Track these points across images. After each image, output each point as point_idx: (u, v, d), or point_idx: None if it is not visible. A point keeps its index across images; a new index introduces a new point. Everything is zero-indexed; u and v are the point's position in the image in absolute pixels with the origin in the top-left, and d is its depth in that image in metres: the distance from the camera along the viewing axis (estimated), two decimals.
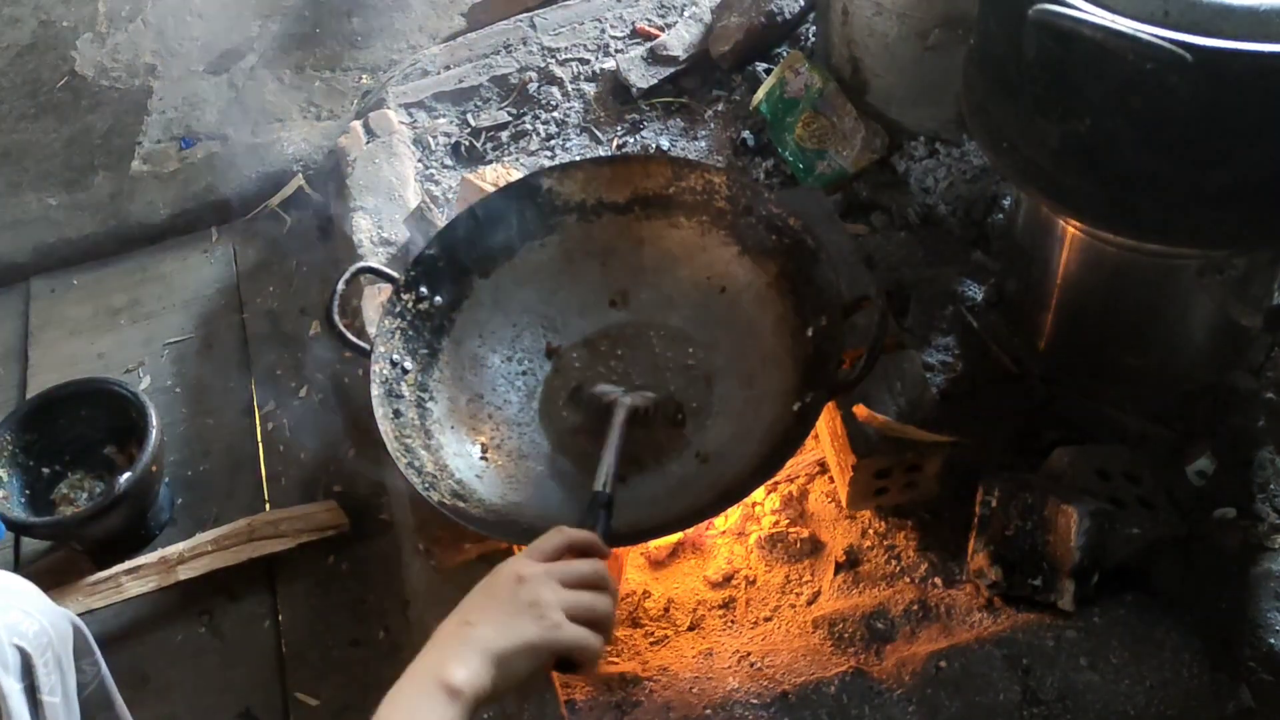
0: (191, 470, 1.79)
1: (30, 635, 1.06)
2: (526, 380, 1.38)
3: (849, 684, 1.20)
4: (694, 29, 2.10)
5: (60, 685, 1.07)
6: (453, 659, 0.89)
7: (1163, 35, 0.99)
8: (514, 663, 0.91)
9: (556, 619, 0.93)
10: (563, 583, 0.96)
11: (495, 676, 0.90)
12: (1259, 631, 1.25)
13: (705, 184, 1.40)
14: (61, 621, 1.13)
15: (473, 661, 0.89)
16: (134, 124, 2.24)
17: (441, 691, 0.87)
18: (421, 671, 0.89)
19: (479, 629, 0.91)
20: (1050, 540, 1.23)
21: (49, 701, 1.05)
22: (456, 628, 0.92)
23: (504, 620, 0.92)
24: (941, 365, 1.56)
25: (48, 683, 1.06)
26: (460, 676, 0.88)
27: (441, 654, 0.90)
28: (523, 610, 0.93)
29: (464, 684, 0.87)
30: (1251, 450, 1.42)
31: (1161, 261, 1.30)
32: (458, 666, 0.88)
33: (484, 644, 0.90)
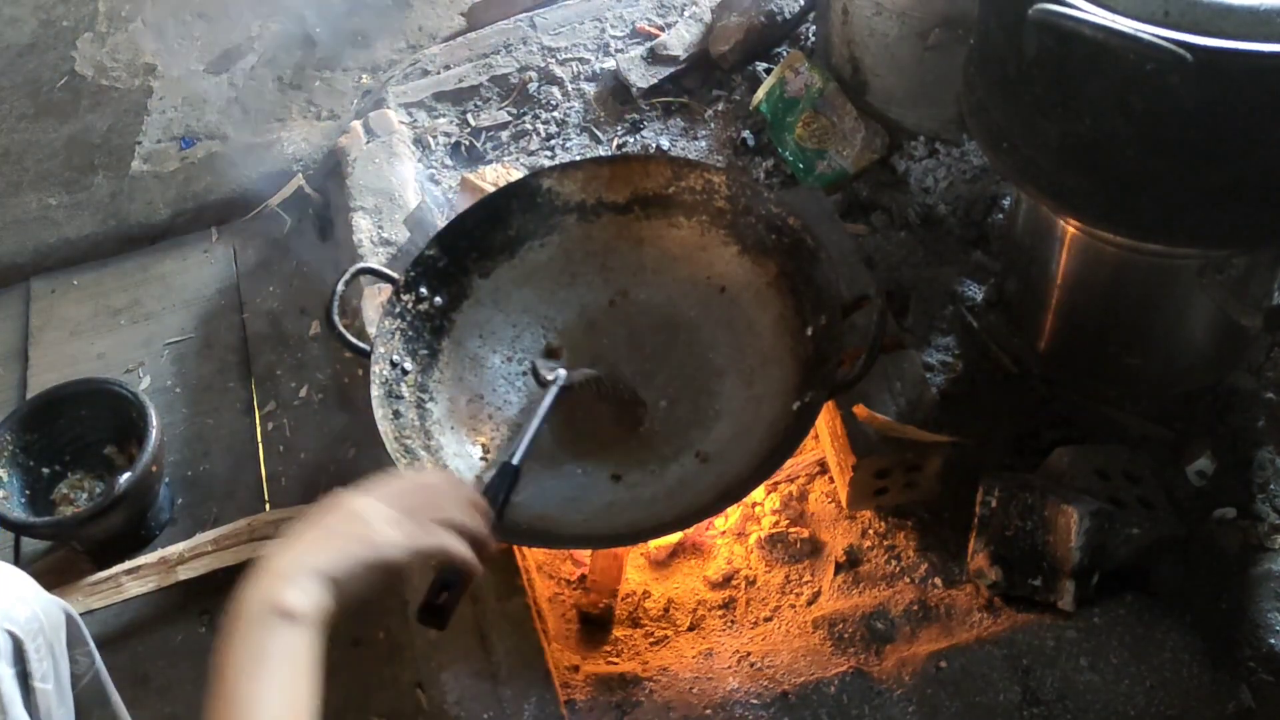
0: (191, 470, 1.79)
1: (21, 620, 1.05)
2: (527, 380, 1.38)
3: (849, 684, 1.20)
4: (694, 29, 2.10)
5: (53, 672, 1.05)
6: (280, 583, 0.86)
7: (1163, 35, 0.99)
8: (349, 578, 0.89)
9: (382, 528, 0.91)
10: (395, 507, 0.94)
11: (334, 593, 0.88)
12: (1259, 631, 1.25)
13: (705, 184, 1.40)
14: (53, 609, 1.12)
15: (303, 581, 0.87)
16: (134, 124, 2.24)
17: (278, 618, 0.84)
18: (253, 605, 0.85)
19: (299, 551, 0.89)
20: (1050, 540, 1.22)
21: (41, 688, 1.03)
22: (277, 554, 0.89)
23: (326, 538, 0.90)
24: (941, 365, 1.56)
25: (40, 669, 1.04)
26: (293, 598, 0.85)
27: (268, 582, 0.86)
28: (346, 524, 0.91)
29: (299, 605, 0.85)
30: (1251, 450, 1.42)
31: (1161, 261, 1.30)
32: (288, 589, 0.86)
33: (310, 563, 0.88)
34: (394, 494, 0.95)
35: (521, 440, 1.17)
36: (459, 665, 1.25)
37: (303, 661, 0.85)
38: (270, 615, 0.84)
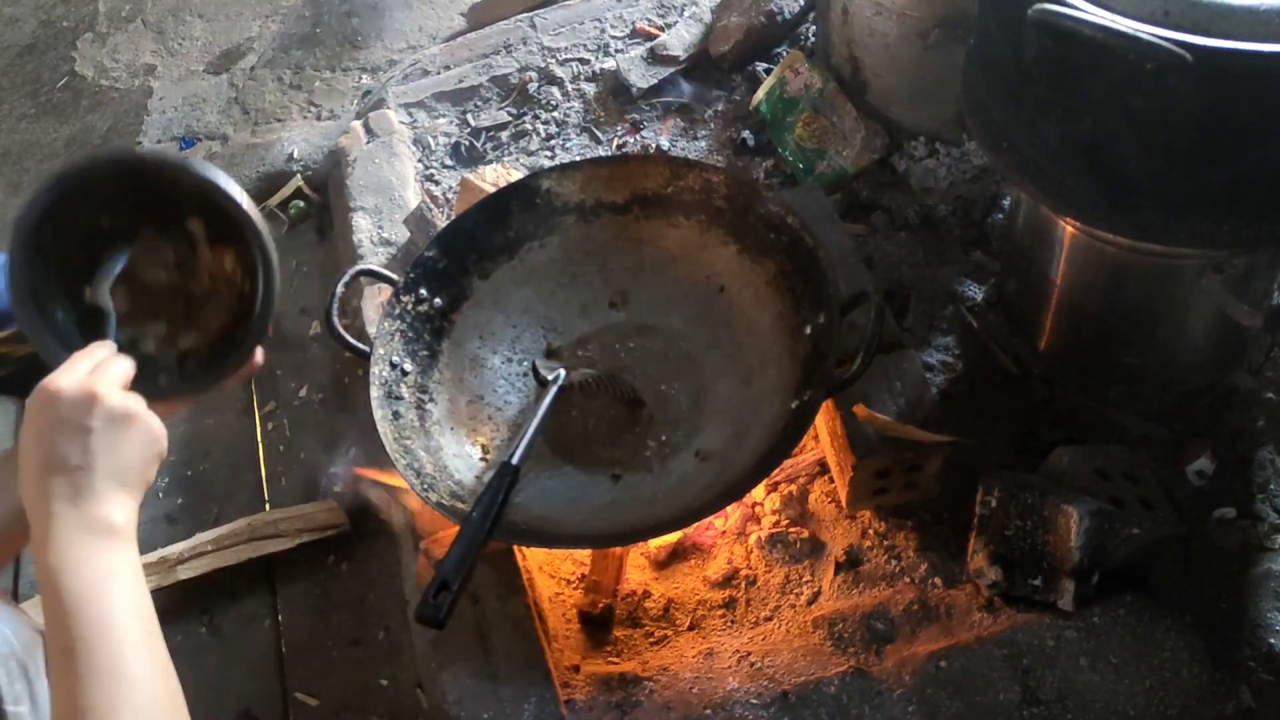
0: (191, 470, 1.79)
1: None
2: (527, 380, 1.38)
3: (849, 684, 1.21)
4: (694, 29, 2.10)
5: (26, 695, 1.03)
6: (94, 503, 0.86)
7: (1163, 35, 0.99)
8: (143, 480, 0.90)
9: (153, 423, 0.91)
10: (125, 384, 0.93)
11: (139, 495, 0.89)
12: (1259, 631, 1.25)
13: (703, 183, 1.40)
14: (24, 630, 1.08)
15: (114, 498, 0.87)
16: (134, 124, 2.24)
17: (103, 535, 0.85)
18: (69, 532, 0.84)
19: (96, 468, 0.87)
20: (1050, 540, 1.22)
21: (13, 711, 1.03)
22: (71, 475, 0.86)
23: (117, 447, 0.88)
24: (941, 365, 1.56)
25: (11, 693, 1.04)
26: (114, 514, 0.86)
27: (76, 506, 0.85)
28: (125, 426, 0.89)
29: (120, 519, 0.86)
30: (1251, 450, 1.42)
31: (1161, 261, 1.30)
32: (104, 505, 0.86)
33: (112, 480, 0.87)
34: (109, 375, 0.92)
35: (521, 440, 1.17)
36: (459, 665, 1.25)
37: (139, 572, 0.87)
38: (98, 535, 0.85)
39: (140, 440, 0.90)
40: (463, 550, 1.04)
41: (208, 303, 1.08)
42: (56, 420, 0.88)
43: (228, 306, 1.07)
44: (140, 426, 0.91)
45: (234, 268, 1.06)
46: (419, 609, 0.99)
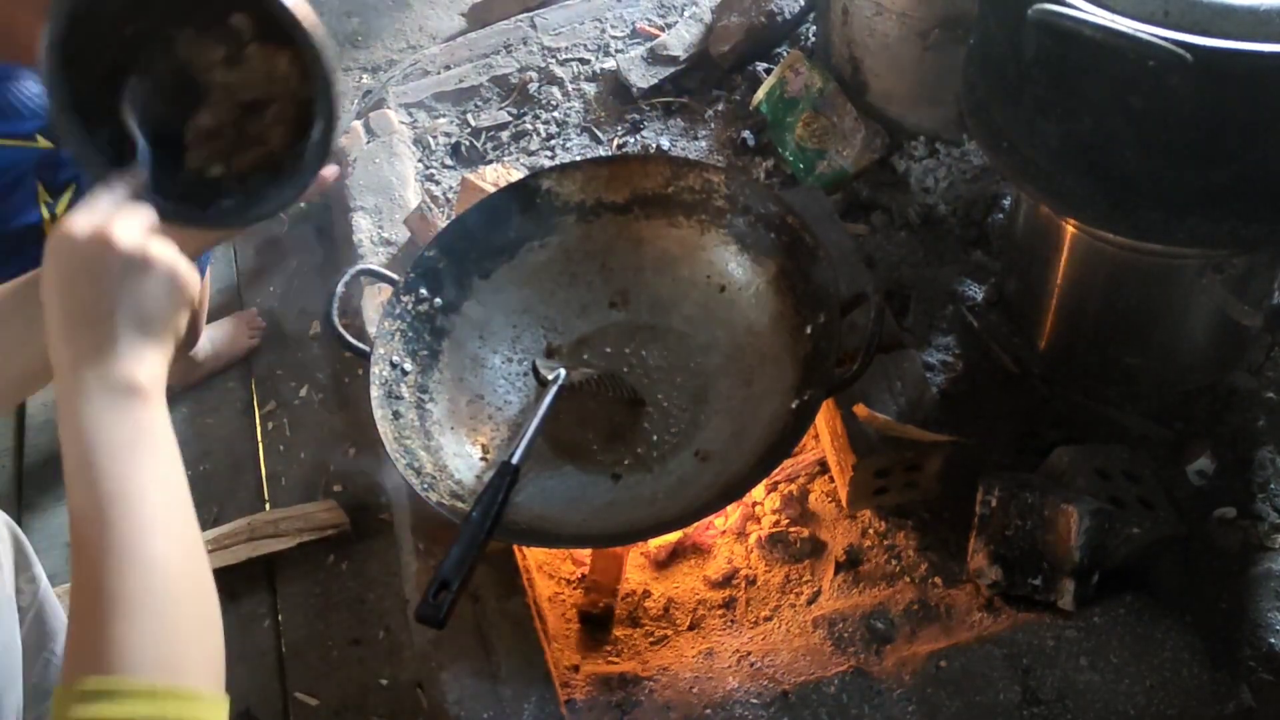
0: (191, 470, 1.79)
1: None
2: (527, 380, 1.38)
3: (849, 684, 1.21)
4: (694, 29, 2.10)
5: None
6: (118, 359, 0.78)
7: (1163, 35, 0.99)
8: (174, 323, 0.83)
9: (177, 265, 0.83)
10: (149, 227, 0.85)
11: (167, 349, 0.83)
12: (1259, 631, 1.25)
13: (703, 183, 1.40)
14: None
15: (139, 352, 0.79)
16: None
17: (127, 396, 0.78)
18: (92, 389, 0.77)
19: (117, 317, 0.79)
20: (1050, 540, 1.22)
21: None
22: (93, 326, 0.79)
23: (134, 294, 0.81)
24: (941, 365, 1.56)
25: None
26: (139, 373, 0.79)
27: (99, 361, 0.78)
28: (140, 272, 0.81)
29: (147, 378, 0.79)
30: (1251, 450, 1.42)
31: (1161, 261, 1.30)
32: (128, 363, 0.78)
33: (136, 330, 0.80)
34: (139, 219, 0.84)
35: (521, 440, 1.17)
36: (459, 665, 1.25)
37: (165, 437, 0.80)
38: (121, 396, 0.77)
39: (163, 286, 0.82)
40: (463, 550, 1.04)
41: (264, 112, 0.98)
42: (74, 266, 0.80)
43: (289, 117, 0.97)
44: (162, 270, 0.82)
45: (288, 71, 0.95)
46: (419, 609, 0.99)
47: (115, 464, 0.76)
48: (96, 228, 0.80)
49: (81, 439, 0.76)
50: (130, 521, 0.74)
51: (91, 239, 0.80)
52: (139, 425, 0.78)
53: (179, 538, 0.77)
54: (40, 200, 1.58)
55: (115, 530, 0.74)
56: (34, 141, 1.55)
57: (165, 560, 0.75)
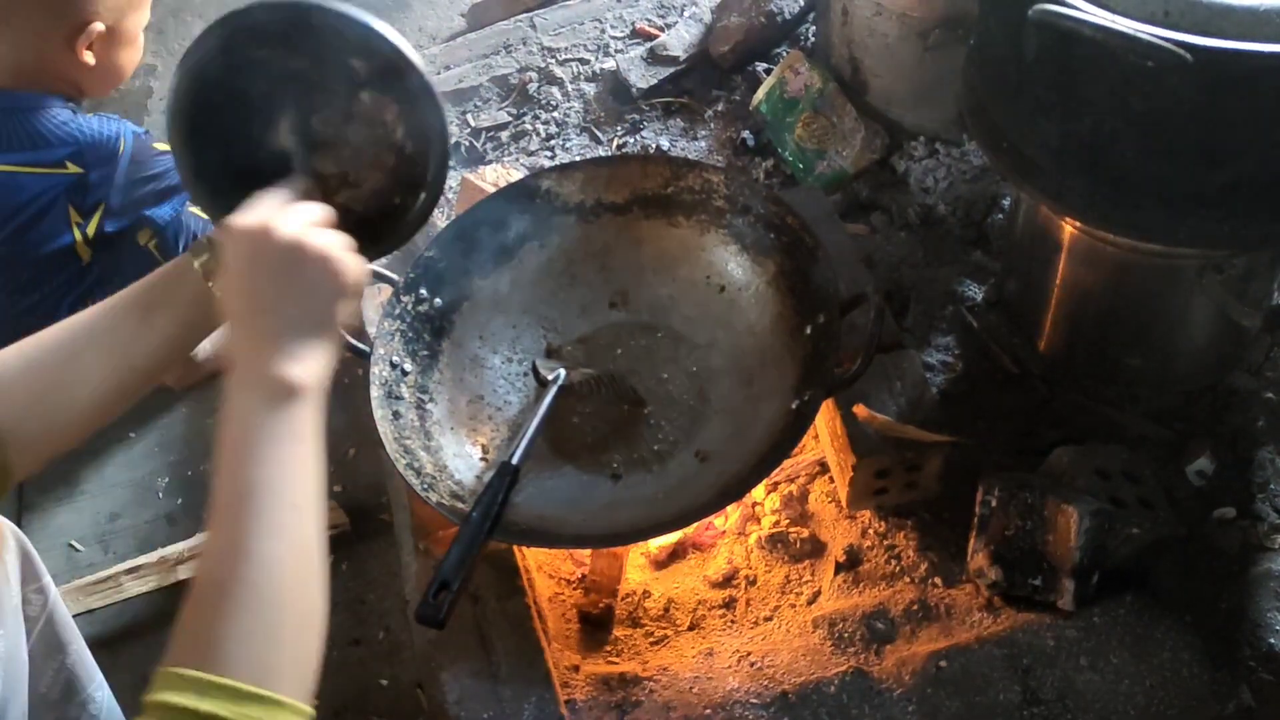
0: (191, 470, 1.79)
1: None
2: (527, 380, 1.38)
3: (849, 684, 1.21)
4: (694, 29, 2.10)
5: None
6: (280, 356, 0.81)
7: (1163, 35, 0.99)
8: (333, 312, 0.87)
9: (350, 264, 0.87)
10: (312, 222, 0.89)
11: (329, 350, 0.85)
12: (1259, 631, 1.25)
13: (703, 183, 1.40)
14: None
15: (302, 350, 0.83)
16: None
17: (282, 395, 0.81)
18: (256, 384, 0.81)
19: (285, 311, 0.83)
20: (1050, 540, 1.23)
21: None
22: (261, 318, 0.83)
23: (311, 291, 0.85)
24: (941, 365, 1.56)
25: None
26: (298, 372, 0.81)
27: (262, 354, 0.81)
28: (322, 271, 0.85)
29: (305, 377, 0.82)
30: (1251, 450, 1.42)
31: (1161, 261, 1.30)
32: (289, 363, 0.82)
33: (302, 325, 0.84)
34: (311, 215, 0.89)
35: (521, 440, 1.17)
36: (459, 665, 1.25)
37: (309, 439, 0.82)
38: (275, 391, 0.81)
39: (319, 272, 0.86)
40: (463, 550, 1.04)
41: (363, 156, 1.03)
42: (262, 262, 0.85)
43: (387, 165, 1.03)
44: (316, 255, 0.86)
45: (395, 120, 1.01)
46: (419, 609, 0.99)
47: (258, 458, 0.79)
48: (260, 219, 0.85)
49: (233, 427, 0.80)
50: (260, 520, 0.77)
51: (253, 228, 0.84)
52: (288, 424, 0.81)
53: (301, 543, 0.79)
54: (72, 223, 1.62)
55: (245, 525, 0.76)
56: (64, 168, 1.58)
57: (282, 564, 0.76)
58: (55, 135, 1.58)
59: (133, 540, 1.70)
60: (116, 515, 1.73)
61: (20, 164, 1.57)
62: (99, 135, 1.60)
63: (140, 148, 1.64)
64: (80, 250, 1.65)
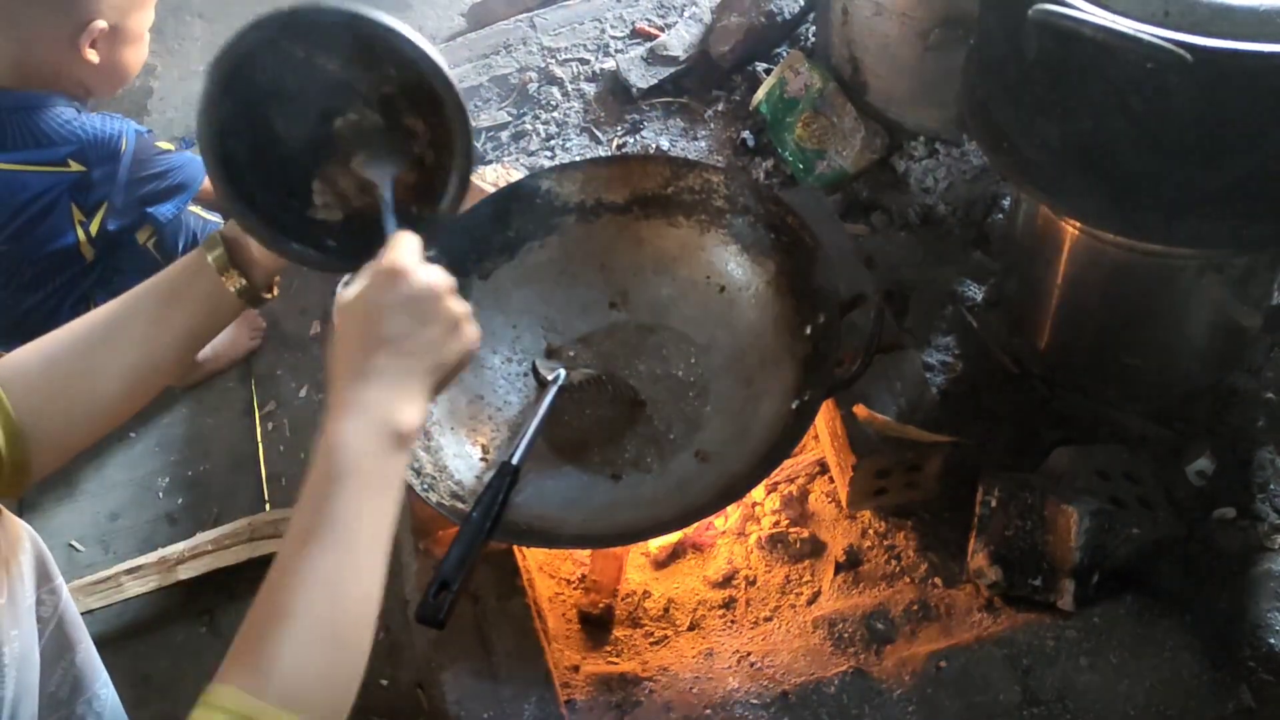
0: (191, 470, 1.79)
1: None
2: (527, 380, 1.38)
3: (849, 684, 1.21)
4: (694, 29, 2.10)
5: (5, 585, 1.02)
6: (401, 399, 0.84)
7: (1163, 35, 0.99)
8: (445, 383, 0.90)
9: (476, 332, 0.92)
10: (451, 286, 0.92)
11: (433, 399, 0.89)
12: (1259, 631, 1.25)
13: (703, 183, 1.40)
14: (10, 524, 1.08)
15: (419, 399, 0.86)
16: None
17: (394, 440, 0.83)
18: (371, 421, 0.83)
19: (420, 357, 0.86)
20: (1050, 540, 1.23)
21: None
22: (393, 360, 0.85)
23: (443, 344, 0.88)
24: (941, 365, 1.56)
25: None
26: (411, 420, 0.84)
27: (385, 395, 0.84)
28: (455, 328, 0.89)
29: (415, 428, 0.85)
30: (1251, 450, 1.42)
31: (1161, 261, 1.30)
32: (407, 409, 0.84)
33: (430, 376, 0.87)
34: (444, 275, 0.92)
35: (521, 440, 1.17)
36: (459, 665, 1.25)
37: (402, 482, 0.85)
38: (388, 434, 0.83)
39: (464, 345, 0.90)
40: (463, 550, 1.04)
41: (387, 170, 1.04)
42: (398, 297, 0.87)
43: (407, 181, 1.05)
44: (469, 331, 0.91)
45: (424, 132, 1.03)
46: (419, 609, 0.99)
47: (353, 494, 0.80)
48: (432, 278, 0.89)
49: (336, 457, 0.81)
50: (338, 554, 0.78)
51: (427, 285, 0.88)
52: (385, 469, 0.83)
53: (373, 588, 0.81)
54: (75, 221, 1.62)
55: (322, 555, 0.78)
56: (66, 166, 1.59)
57: (350, 602, 0.79)
58: (58, 134, 1.58)
59: (133, 540, 1.70)
60: (116, 515, 1.74)
61: (23, 163, 1.57)
62: (101, 133, 1.60)
63: (142, 146, 1.64)
64: (84, 249, 1.65)
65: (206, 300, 1.01)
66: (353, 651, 0.78)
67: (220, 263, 1.00)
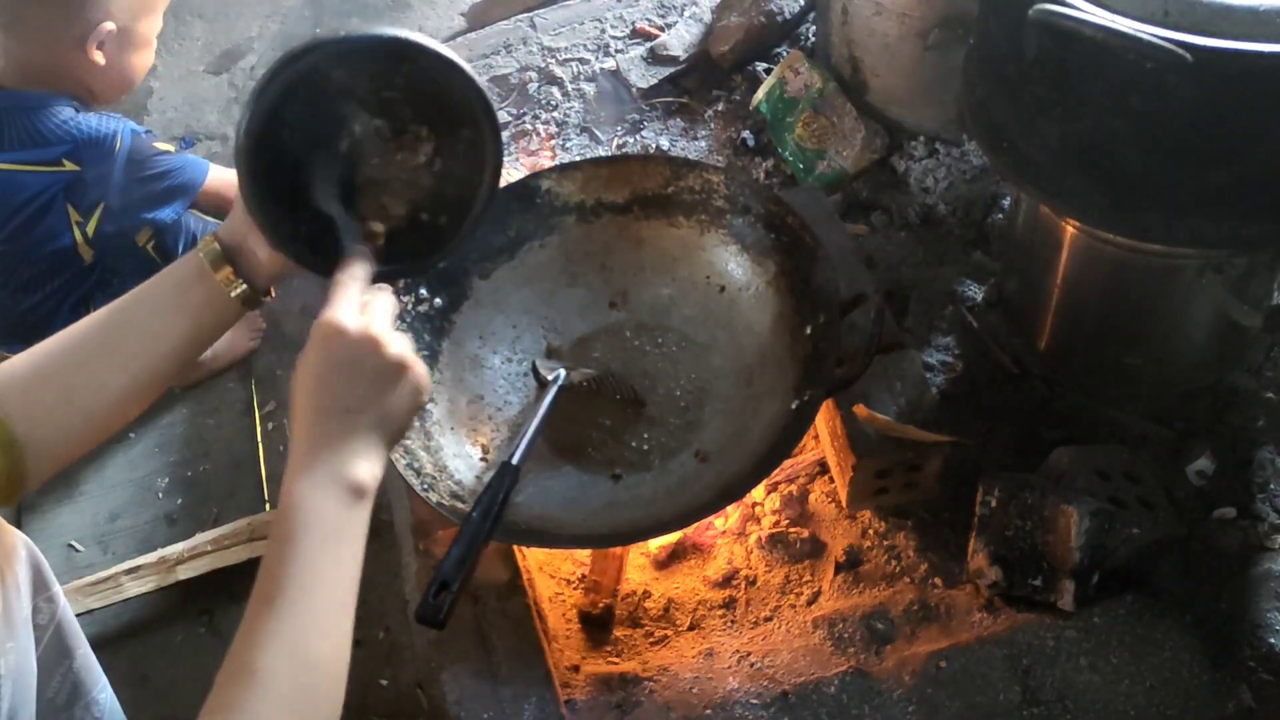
0: (191, 470, 1.79)
1: None
2: (527, 380, 1.38)
3: (849, 684, 1.21)
4: (694, 29, 2.10)
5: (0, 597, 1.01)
6: (354, 458, 0.85)
7: (1163, 35, 0.99)
8: (400, 433, 0.91)
9: (422, 372, 0.91)
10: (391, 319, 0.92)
11: (391, 450, 0.89)
12: (1259, 631, 1.25)
13: (703, 183, 1.40)
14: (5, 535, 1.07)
15: (372, 454, 0.86)
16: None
17: (352, 496, 0.84)
18: (325, 479, 0.83)
19: (367, 415, 0.86)
20: (1050, 540, 1.23)
21: None
22: (342, 420, 0.85)
23: (387, 396, 0.88)
24: (941, 365, 1.56)
25: None
26: (367, 474, 0.85)
27: (338, 454, 0.84)
28: (399, 376, 0.88)
29: (370, 480, 0.85)
30: (1251, 450, 1.42)
31: (1161, 261, 1.30)
32: (361, 464, 0.85)
33: (377, 430, 0.87)
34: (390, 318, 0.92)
35: (521, 440, 1.17)
36: (459, 665, 1.25)
37: (363, 536, 0.85)
38: (342, 489, 0.83)
39: (410, 390, 0.90)
40: (463, 550, 1.04)
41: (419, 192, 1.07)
42: (336, 360, 0.87)
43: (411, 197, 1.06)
44: (412, 376, 0.90)
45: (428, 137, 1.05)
46: (419, 609, 0.99)
47: (313, 551, 0.81)
48: (363, 328, 0.87)
49: (293, 516, 0.81)
50: (298, 614, 0.79)
51: (359, 337, 0.86)
52: (348, 523, 0.83)
53: (342, 646, 0.81)
54: (72, 222, 1.62)
55: (282, 617, 0.78)
56: (60, 165, 1.58)
57: (326, 665, 0.79)
58: (54, 133, 1.58)
59: (132, 540, 1.70)
60: (116, 515, 1.74)
61: (20, 163, 1.57)
62: (95, 132, 1.60)
63: (139, 146, 1.64)
64: (81, 250, 1.65)
65: (206, 306, 1.00)
66: (322, 707, 0.79)
67: (220, 267, 0.99)
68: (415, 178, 1.06)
